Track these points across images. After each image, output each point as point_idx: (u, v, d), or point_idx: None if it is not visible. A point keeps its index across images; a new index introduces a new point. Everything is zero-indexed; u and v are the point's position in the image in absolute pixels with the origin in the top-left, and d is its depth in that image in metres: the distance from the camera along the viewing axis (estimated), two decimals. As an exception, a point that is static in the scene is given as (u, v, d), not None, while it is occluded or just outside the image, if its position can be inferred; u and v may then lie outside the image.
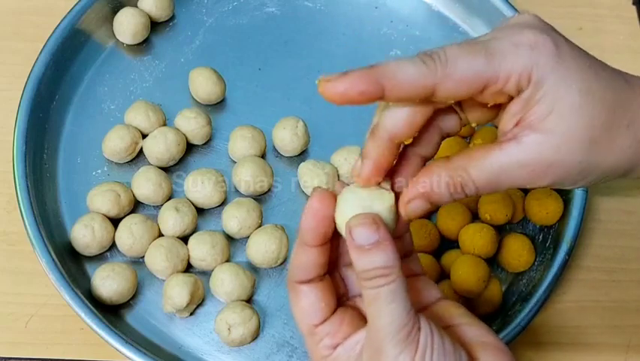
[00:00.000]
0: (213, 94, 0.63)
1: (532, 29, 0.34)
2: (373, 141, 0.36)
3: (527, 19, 0.35)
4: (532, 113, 0.34)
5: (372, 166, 0.36)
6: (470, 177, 0.35)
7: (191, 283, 0.53)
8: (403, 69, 0.33)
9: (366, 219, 0.34)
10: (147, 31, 0.66)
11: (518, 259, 0.57)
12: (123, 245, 0.56)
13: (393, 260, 0.34)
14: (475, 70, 0.33)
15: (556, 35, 0.35)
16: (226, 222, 0.57)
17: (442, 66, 0.33)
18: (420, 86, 0.33)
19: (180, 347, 0.54)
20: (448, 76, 0.33)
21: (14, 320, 0.55)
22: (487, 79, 0.33)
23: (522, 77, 0.33)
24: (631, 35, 0.73)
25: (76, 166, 0.60)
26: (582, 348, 0.58)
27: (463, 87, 0.33)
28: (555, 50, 0.33)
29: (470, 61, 0.33)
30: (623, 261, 0.62)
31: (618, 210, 0.64)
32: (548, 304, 0.57)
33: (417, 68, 0.33)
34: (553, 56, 0.33)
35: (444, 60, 0.33)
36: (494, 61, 0.33)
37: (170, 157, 0.59)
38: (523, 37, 0.34)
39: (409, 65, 0.33)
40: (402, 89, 0.33)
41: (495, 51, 0.33)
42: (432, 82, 0.33)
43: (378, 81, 0.33)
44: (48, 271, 0.52)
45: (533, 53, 0.33)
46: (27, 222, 0.54)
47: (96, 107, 0.63)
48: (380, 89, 0.33)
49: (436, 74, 0.33)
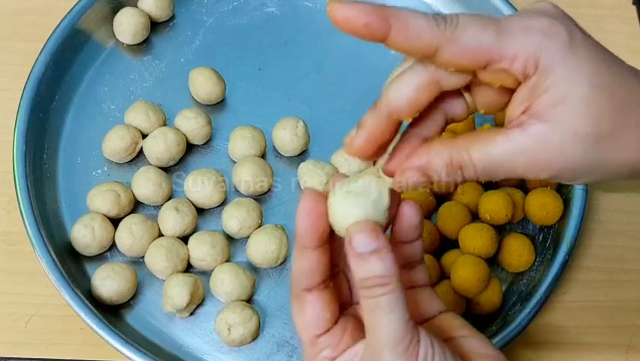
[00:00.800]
0: (213, 94, 0.63)
1: (548, 16, 0.34)
2: (373, 112, 0.35)
3: (546, 7, 0.35)
4: (539, 102, 0.33)
5: (366, 137, 0.35)
6: (471, 159, 0.34)
7: (191, 283, 0.53)
8: (415, 19, 0.33)
9: (366, 227, 0.34)
10: (147, 31, 0.66)
11: (518, 259, 0.57)
12: (123, 245, 0.56)
13: (392, 270, 0.33)
14: (482, 41, 0.33)
15: (572, 25, 0.34)
16: (226, 222, 0.57)
17: (451, 29, 0.33)
18: (425, 41, 0.33)
19: (180, 347, 0.54)
20: (454, 40, 0.32)
21: (14, 320, 0.55)
22: (493, 54, 0.33)
23: (529, 61, 0.33)
24: (631, 35, 0.73)
25: (76, 166, 0.60)
26: (582, 348, 0.58)
27: (466, 55, 0.33)
28: (568, 39, 0.33)
29: (479, 32, 0.33)
30: (623, 261, 0.62)
31: (618, 210, 0.64)
32: (548, 304, 0.57)
33: (428, 22, 0.33)
34: (565, 44, 0.33)
35: (454, 24, 0.33)
36: (503, 38, 0.33)
37: (170, 157, 0.59)
38: (537, 22, 0.33)
39: (421, 18, 0.33)
40: (407, 37, 0.33)
41: (505, 29, 0.33)
42: (437, 40, 0.33)
43: (387, 19, 0.32)
44: (48, 271, 0.53)
45: (544, 38, 0.33)
46: (27, 222, 0.54)
47: (96, 107, 0.63)
48: (386, 28, 0.33)
49: (443, 34, 0.32)
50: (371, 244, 0.33)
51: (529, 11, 0.34)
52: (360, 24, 0.32)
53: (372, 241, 0.33)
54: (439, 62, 0.33)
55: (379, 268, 0.33)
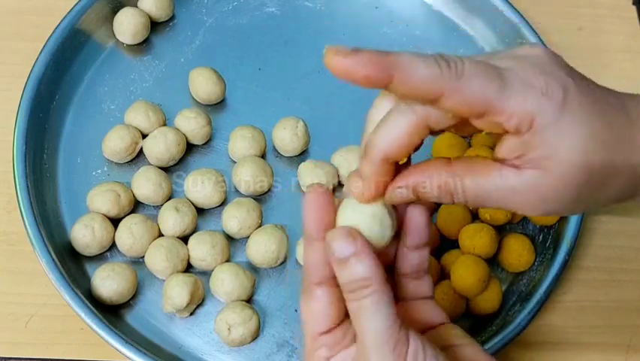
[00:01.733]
0: (213, 94, 0.63)
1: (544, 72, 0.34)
2: (368, 161, 0.36)
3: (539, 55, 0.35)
4: (532, 154, 0.34)
5: (373, 185, 0.36)
6: (463, 188, 0.35)
7: (191, 283, 0.53)
8: (417, 66, 0.32)
9: (342, 232, 0.35)
10: (147, 31, 0.66)
11: (518, 259, 0.57)
12: (123, 245, 0.56)
13: (373, 272, 0.34)
14: (485, 95, 0.33)
15: (567, 78, 0.34)
16: (226, 222, 0.57)
17: (457, 78, 0.32)
18: (428, 90, 0.32)
19: (180, 347, 0.54)
20: (458, 90, 0.32)
21: (14, 320, 0.55)
22: (492, 107, 0.33)
23: (523, 121, 0.33)
24: (631, 35, 0.73)
25: (76, 166, 0.60)
26: (582, 348, 0.58)
27: (467, 105, 0.33)
28: (563, 99, 0.33)
29: (484, 84, 0.33)
30: (623, 261, 0.62)
31: (618, 210, 0.64)
32: (548, 304, 0.57)
33: (431, 70, 0.32)
34: (560, 105, 0.33)
35: (460, 72, 0.32)
36: (504, 93, 0.33)
37: (170, 157, 0.59)
38: (535, 79, 0.33)
39: (424, 65, 0.32)
40: (410, 87, 0.32)
41: (507, 83, 0.33)
42: (441, 90, 0.32)
43: (388, 70, 0.32)
44: (48, 271, 0.53)
45: (542, 99, 0.33)
46: (27, 222, 0.54)
47: (96, 107, 0.63)
48: (388, 79, 0.32)
49: (448, 82, 0.32)
50: (348, 249, 0.34)
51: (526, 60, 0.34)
52: (360, 76, 0.32)
53: (349, 246, 0.34)
54: (439, 107, 0.33)
55: (360, 270, 0.34)
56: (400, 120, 0.34)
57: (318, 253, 0.36)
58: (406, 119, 0.34)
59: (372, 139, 0.35)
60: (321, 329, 0.37)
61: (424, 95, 0.33)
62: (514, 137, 0.34)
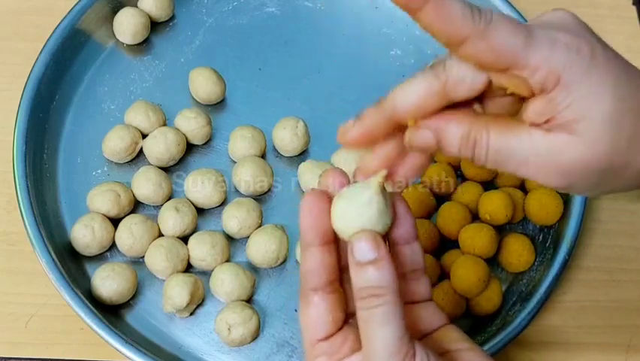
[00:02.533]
0: (213, 94, 0.63)
1: (570, 31, 0.34)
2: (375, 109, 0.35)
3: (566, 18, 0.35)
4: (562, 117, 0.33)
5: (362, 130, 0.35)
6: (488, 140, 0.34)
7: (191, 283, 0.53)
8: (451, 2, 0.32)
9: (368, 236, 0.34)
10: (147, 31, 0.66)
11: (518, 259, 0.57)
12: (123, 245, 0.56)
13: (389, 281, 0.33)
14: (512, 45, 0.32)
15: (592, 38, 0.34)
16: (226, 222, 0.57)
17: (485, 25, 0.32)
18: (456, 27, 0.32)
19: (180, 347, 0.54)
20: (484, 35, 0.32)
21: (14, 320, 0.55)
22: (517, 59, 0.32)
23: (550, 75, 0.33)
24: (631, 35, 0.74)
25: (76, 166, 0.60)
26: (582, 348, 0.58)
27: (492, 54, 0.32)
28: (590, 55, 0.33)
29: (511, 35, 0.32)
30: (623, 261, 0.62)
31: (618, 210, 0.64)
32: (548, 304, 0.57)
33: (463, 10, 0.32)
34: (587, 61, 0.33)
35: (488, 19, 0.32)
36: (530, 46, 0.32)
37: (170, 157, 0.59)
38: (563, 36, 0.33)
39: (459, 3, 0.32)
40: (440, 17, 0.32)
41: (534, 37, 0.33)
42: (468, 31, 0.32)
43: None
44: (48, 271, 0.53)
45: (568, 54, 0.33)
46: (27, 222, 0.54)
47: (96, 107, 0.63)
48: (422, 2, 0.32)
49: (475, 27, 0.32)
50: (371, 253, 0.34)
51: (551, 22, 0.34)
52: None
53: (372, 250, 0.34)
54: (462, 53, 0.33)
55: (376, 278, 0.33)
56: (422, 81, 0.34)
57: (314, 259, 0.36)
58: (427, 81, 0.34)
59: (390, 94, 0.35)
60: (319, 335, 0.36)
61: (450, 32, 0.32)
62: (540, 98, 0.33)
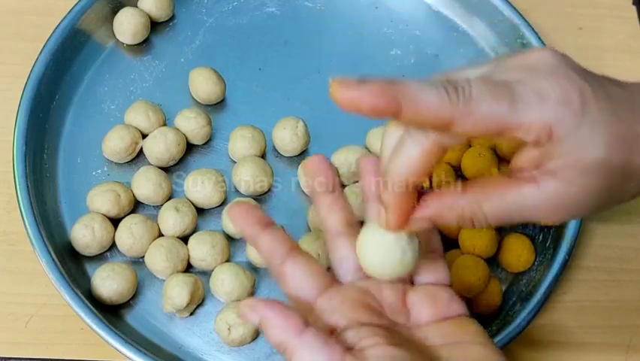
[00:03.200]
0: (213, 94, 0.63)
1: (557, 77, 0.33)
2: (389, 191, 0.35)
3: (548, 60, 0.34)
4: (553, 163, 0.33)
5: (397, 214, 0.36)
6: (483, 214, 0.35)
7: (191, 283, 0.53)
8: (425, 94, 0.31)
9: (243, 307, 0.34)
10: (147, 31, 0.66)
11: (518, 259, 0.57)
12: (123, 245, 0.56)
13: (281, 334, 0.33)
14: (498, 115, 0.32)
15: (580, 81, 0.34)
16: (226, 222, 0.57)
17: (465, 103, 0.32)
18: (438, 117, 0.32)
19: (180, 347, 0.54)
20: (469, 114, 0.32)
21: (14, 320, 0.55)
22: (507, 125, 0.32)
23: (543, 131, 0.33)
24: (631, 35, 0.73)
25: (76, 166, 0.60)
26: (582, 348, 0.58)
27: (481, 128, 0.32)
28: (581, 105, 0.33)
29: (494, 105, 0.32)
30: (623, 261, 0.62)
31: (618, 210, 0.63)
32: (548, 304, 0.57)
33: (439, 97, 0.32)
34: (579, 111, 0.33)
35: (467, 96, 0.32)
36: (517, 109, 0.32)
37: (170, 157, 0.59)
38: (550, 87, 0.33)
39: (432, 92, 0.32)
40: (419, 115, 0.32)
41: (519, 98, 0.32)
42: (451, 116, 0.32)
43: (396, 99, 0.31)
44: (48, 271, 0.53)
45: (559, 108, 0.32)
46: (27, 222, 0.54)
47: (96, 107, 0.63)
48: (396, 109, 0.31)
49: (457, 108, 0.32)
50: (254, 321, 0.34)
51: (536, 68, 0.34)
52: (368, 108, 0.31)
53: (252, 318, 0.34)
54: (451, 133, 0.33)
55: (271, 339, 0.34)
56: (414, 146, 0.34)
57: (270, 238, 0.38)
58: (419, 144, 0.34)
59: (389, 169, 0.35)
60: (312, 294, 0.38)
61: (433, 123, 0.32)
62: (534, 148, 0.34)
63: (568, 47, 0.71)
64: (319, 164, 0.42)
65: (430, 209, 0.36)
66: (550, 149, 0.33)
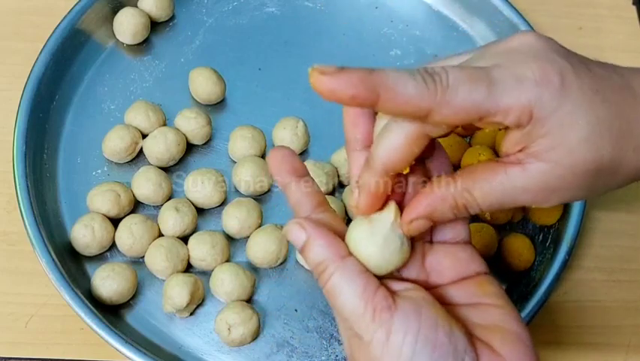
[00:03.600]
0: (213, 94, 0.63)
1: (537, 59, 0.33)
2: (368, 171, 0.36)
3: (531, 43, 0.34)
4: (536, 144, 0.33)
5: (369, 196, 0.36)
6: (475, 199, 0.35)
7: (191, 283, 0.53)
8: (403, 83, 0.31)
9: (293, 226, 0.36)
10: (147, 31, 0.66)
11: (518, 259, 0.57)
12: (123, 245, 0.56)
13: (324, 254, 0.35)
14: (475, 100, 0.32)
15: (562, 61, 0.34)
16: (226, 222, 0.57)
17: (442, 90, 0.32)
18: (416, 106, 0.32)
19: (180, 347, 0.54)
20: (446, 102, 0.32)
21: (14, 320, 0.55)
22: (486, 110, 0.32)
23: (523, 114, 0.33)
24: (631, 35, 0.74)
25: (76, 166, 0.60)
26: (582, 348, 0.58)
27: (459, 115, 0.32)
28: (560, 84, 0.33)
29: (471, 90, 0.32)
30: (623, 261, 0.62)
31: (618, 209, 0.64)
32: (548, 304, 0.57)
33: (417, 85, 0.32)
34: (558, 90, 0.33)
35: (445, 84, 0.32)
36: (495, 93, 0.32)
37: (170, 157, 0.59)
38: (528, 69, 0.33)
39: (409, 81, 0.32)
40: (397, 104, 0.32)
41: (497, 82, 0.32)
42: (429, 104, 0.32)
43: (374, 89, 0.31)
44: (48, 271, 0.52)
45: (537, 88, 0.32)
46: (27, 222, 0.54)
47: (96, 107, 0.63)
48: (374, 98, 0.31)
49: (435, 97, 0.32)
50: (300, 238, 0.35)
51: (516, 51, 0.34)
52: (347, 97, 0.31)
53: (300, 235, 0.35)
54: (431, 122, 0.33)
55: (313, 257, 0.35)
56: (398, 131, 0.34)
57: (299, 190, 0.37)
58: (403, 130, 0.34)
59: (373, 152, 0.35)
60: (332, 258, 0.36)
61: (412, 112, 0.32)
62: (516, 131, 0.34)
63: (568, 47, 0.71)
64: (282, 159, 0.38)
65: (422, 206, 0.36)
66: (532, 130, 0.33)
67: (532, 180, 0.34)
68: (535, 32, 0.36)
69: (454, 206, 0.35)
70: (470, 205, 0.35)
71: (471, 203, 0.35)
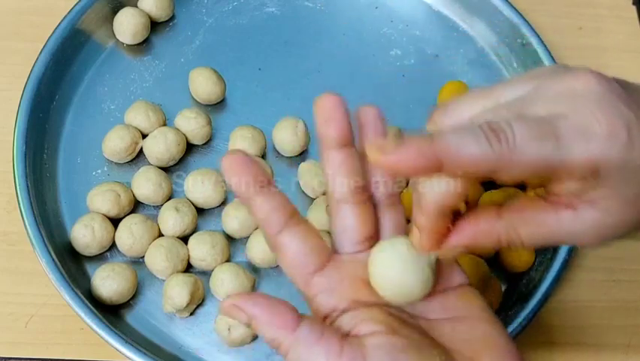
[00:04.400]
0: (213, 94, 0.63)
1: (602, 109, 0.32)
2: (422, 213, 0.34)
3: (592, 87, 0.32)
4: (592, 194, 0.33)
5: (431, 238, 0.35)
6: (519, 237, 0.34)
7: (191, 283, 0.53)
8: (465, 147, 0.30)
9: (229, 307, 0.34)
10: (147, 31, 0.66)
11: (518, 259, 0.57)
12: (123, 245, 0.56)
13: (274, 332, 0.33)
14: (544, 158, 0.31)
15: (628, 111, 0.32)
16: (226, 222, 0.57)
17: (510, 150, 0.30)
18: (482, 168, 0.31)
19: (180, 347, 0.54)
20: (514, 162, 0.31)
21: (14, 320, 0.55)
22: (552, 167, 0.32)
23: (588, 170, 0.32)
24: (631, 35, 0.73)
25: (76, 166, 0.60)
26: (582, 348, 0.58)
27: (527, 172, 0.32)
28: (628, 139, 0.32)
29: (539, 147, 0.31)
30: (623, 261, 0.62)
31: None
32: (548, 304, 0.57)
33: (481, 147, 0.30)
34: (625, 146, 0.32)
35: (512, 144, 0.30)
36: (562, 148, 0.31)
37: (170, 157, 0.59)
38: (595, 122, 0.31)
39: (473, 143, 0.30)
40: (462, 169, 0.31)
41: (564, 136, 0.31)
42: (495, 165, 0.31)
43: (436, 157, 0.30)
44: (48, 271, 0.53)
45: (605, 145, 0.31)
46: (27, 222, 0.54)
47: (96, 107, 0.63)
48: (438, 166, 0.30)
49: (501, 157, 0.30)
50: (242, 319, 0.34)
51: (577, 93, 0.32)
52: (409, 170, 0.31)
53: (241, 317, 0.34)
54: (498, 180, 0.32)
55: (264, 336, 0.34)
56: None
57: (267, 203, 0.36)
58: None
59: (424, 192, 0.34)
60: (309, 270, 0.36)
61: (478, 174, 0.31)
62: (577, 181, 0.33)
63: (568, 47, 0.72)
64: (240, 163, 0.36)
65: (465, 236, 0.34)
66: (593, 183, 0.32)
67: (584, 226, 0.33)
68: (595, 73, 0.33)
69: (496, 241, 0.34)
70: (513, 242, 0.34)
71: (514, 241, 0.34)
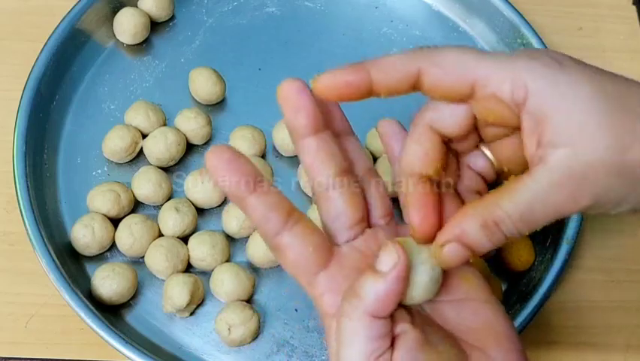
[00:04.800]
0: (213, 94, 0.63)
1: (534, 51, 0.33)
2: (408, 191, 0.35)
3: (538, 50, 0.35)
4: (547, 129, 0.31)
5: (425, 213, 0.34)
6: (504, 212, 0.32)
7: (191, 283, 0.53)
8: (390, 56, 0.33)
9: None
10: (147, 31, 0.66)
11: (518, 259, 0.57)
12: (123, 245, 0.56)
13: None
14: (464, 64, 0.33)
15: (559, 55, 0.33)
16: (226, 222, 0.57)
17: (430, 52, 0.33)
18: (405, 68, 0.33)
19: (180, 347, 0.54)
20: (434, 63, 0.33)
21: (14, 320, 0.55)
22: (476, 76, 0.32)
23: (516, 84, 0.31)
24: (631, 35, 0.73)
25: (76, 166, 0.60)
26: (582, 348, 0.58)
27: (449, 76, 0.33)
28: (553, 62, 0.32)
29: (460, 55, 0.33)
30: (623, 261, 0.62)
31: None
32: (548, 304, 0.57)
33: (404, 52, 0.34)
34: (550, 66, 0.32)
35: (433, 48, 0.34)
36: (485, 61, 0.33)
37: (170, 157, 0.59)
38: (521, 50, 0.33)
39: (397, 52, 0.34)
40: (387, 73, 0.33)
41: (488, 55, 0.33)
42: (416, 66, 0.33)
43: (364, 68, 0.33)
44: (48, 271, 0.53)
45: (531, 61, 0.32)
46: (27, 222, 0.54)
47: (96, 107, 0.63)
48: (367, 77, 0.33)
49: (423, 57, 0.33)
50: None
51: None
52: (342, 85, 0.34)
53: None
54: (425, 88, 0.34)
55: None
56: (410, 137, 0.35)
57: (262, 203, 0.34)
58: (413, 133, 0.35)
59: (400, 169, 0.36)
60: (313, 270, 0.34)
61: (403, 78, 0.33)
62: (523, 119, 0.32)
63: (568, 47, 0.72)
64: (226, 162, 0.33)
65: (451, 226, 0.33)
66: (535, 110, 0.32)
67: (555, 170, 0.31)
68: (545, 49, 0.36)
69: (483, 225, 0.32)
70: (501, 220, 0.32)
71: (501, 217, 0.32)
